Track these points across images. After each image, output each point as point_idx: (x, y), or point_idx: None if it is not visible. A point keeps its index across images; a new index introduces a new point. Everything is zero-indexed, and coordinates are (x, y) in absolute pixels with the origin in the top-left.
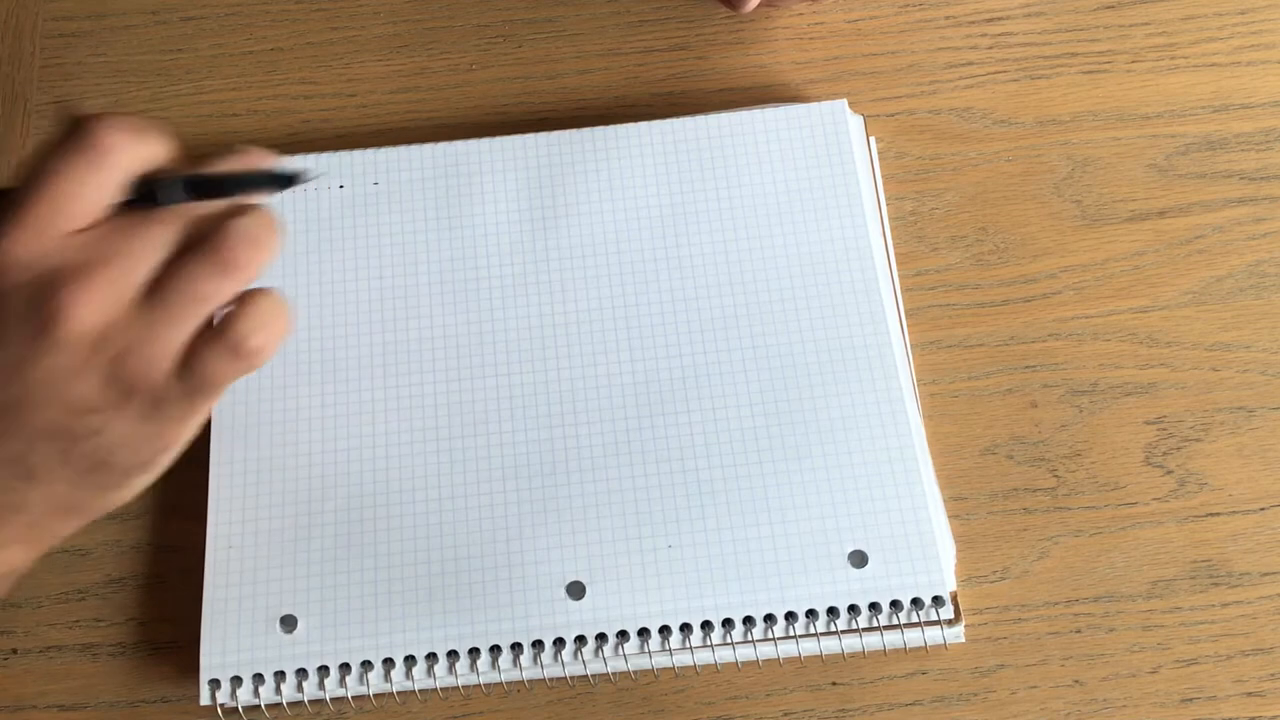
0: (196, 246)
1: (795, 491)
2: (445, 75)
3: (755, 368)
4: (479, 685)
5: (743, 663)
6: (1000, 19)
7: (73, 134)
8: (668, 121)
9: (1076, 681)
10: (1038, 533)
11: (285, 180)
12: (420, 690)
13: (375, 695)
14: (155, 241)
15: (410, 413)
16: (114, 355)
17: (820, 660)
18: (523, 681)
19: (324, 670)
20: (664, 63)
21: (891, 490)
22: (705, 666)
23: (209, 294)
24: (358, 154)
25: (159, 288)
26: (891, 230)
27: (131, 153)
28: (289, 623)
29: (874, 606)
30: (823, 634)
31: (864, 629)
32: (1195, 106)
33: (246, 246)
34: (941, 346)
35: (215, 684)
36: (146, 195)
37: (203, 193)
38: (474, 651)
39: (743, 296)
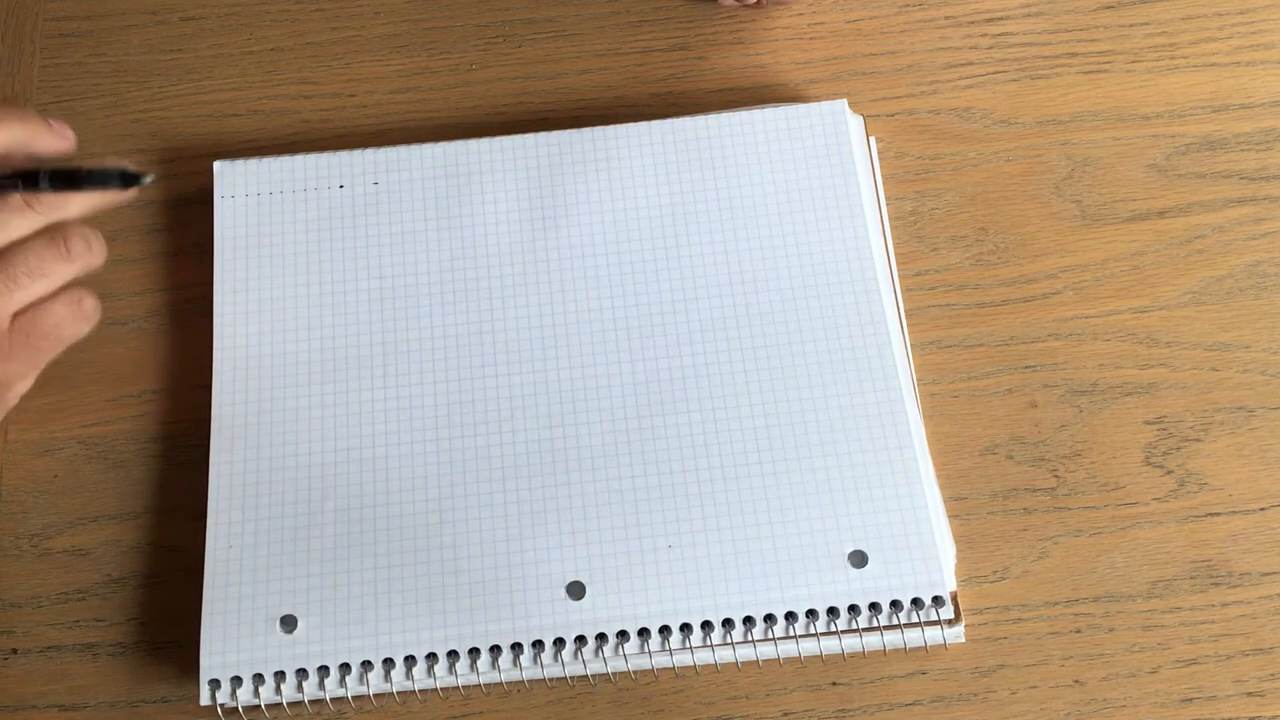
0: (45, 234)
1: (795, 491)
2: (445, 75)
3: (755, 368)
4: (479, 685)
5: (743, 663)
6: (1000, 19)
7: None
8: (668, 121)
9: (1076, 681)
10: (1038, 533)
11: (130, 179)
12: (420, 690)
13: (375, 695)
14: (13, 222)
15: (410, 413)
16: None
17: (820, 660)
18: (523, 681)
19: (324, 670)
20: (664, 63)
21: (891, 490)
22: (705, 666)
23: (49, 272)
24: (358, 154)
25: (6, 258)
26: (891, 230)
27: (8, 132)
28: (289, 623)
29: (874, 606)
30: (823, 634)
31: (864, 629)
32: (1195, 106)
33: (82, 244)
34: (941, 346)
35: (215, 684)
36: (12, 181)
37: (62, 184)
38: (474, 651)
39: (743, 297)
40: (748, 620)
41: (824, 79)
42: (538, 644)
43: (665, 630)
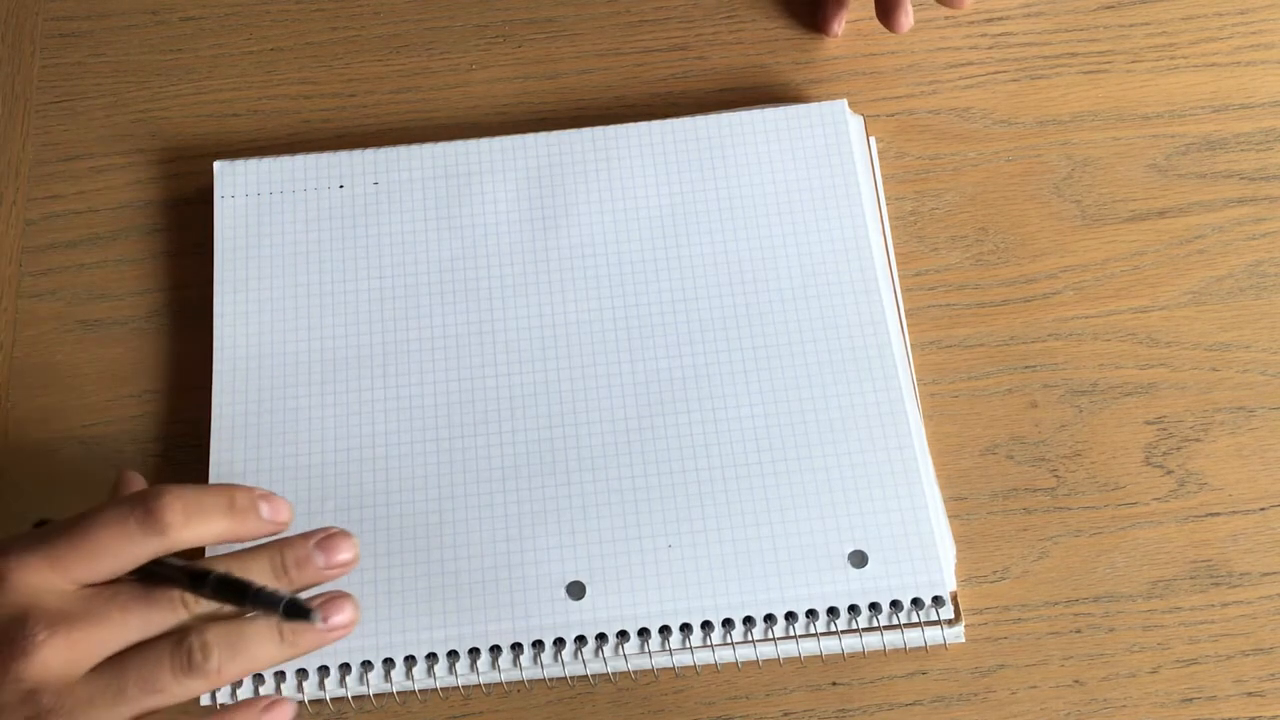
0: (174, 638)
1: (795, 491)
2: (445, 75)
3: (755, 368)
4: (479, 685)
5: (743, 663)
6: (1000, 19)
7: (137, 501)
8: (668, 121)
9: (1076, 681)
10: (1038, 533)
11: (295, 610)
12: (420, 690)
13: (375, 695)
14: (141, 620)
15: (410, 413)
16: (41, 711)
17: (820, 660)
18: (523, 681)
19: (324, 670)
20: (664, 63)
21: (891, 490)
22: (705, 666)
23: (163, 688)
24: (358, 154)
25: (120, 662)
26: (891, 230)
27: (185, 535)
28: None
29: (874, 606)
30: (823, 634)
31: (864, 629)
32: (1195, 106)
33: (220, 654)
34: (941, 346)
35: None
36: (178, 575)
37: (226, 594)
38: (474, 651)
39: (743, 297)
40: (748, 620)
41: (824, 79)
42: (538, 644)
43: (665, 630)
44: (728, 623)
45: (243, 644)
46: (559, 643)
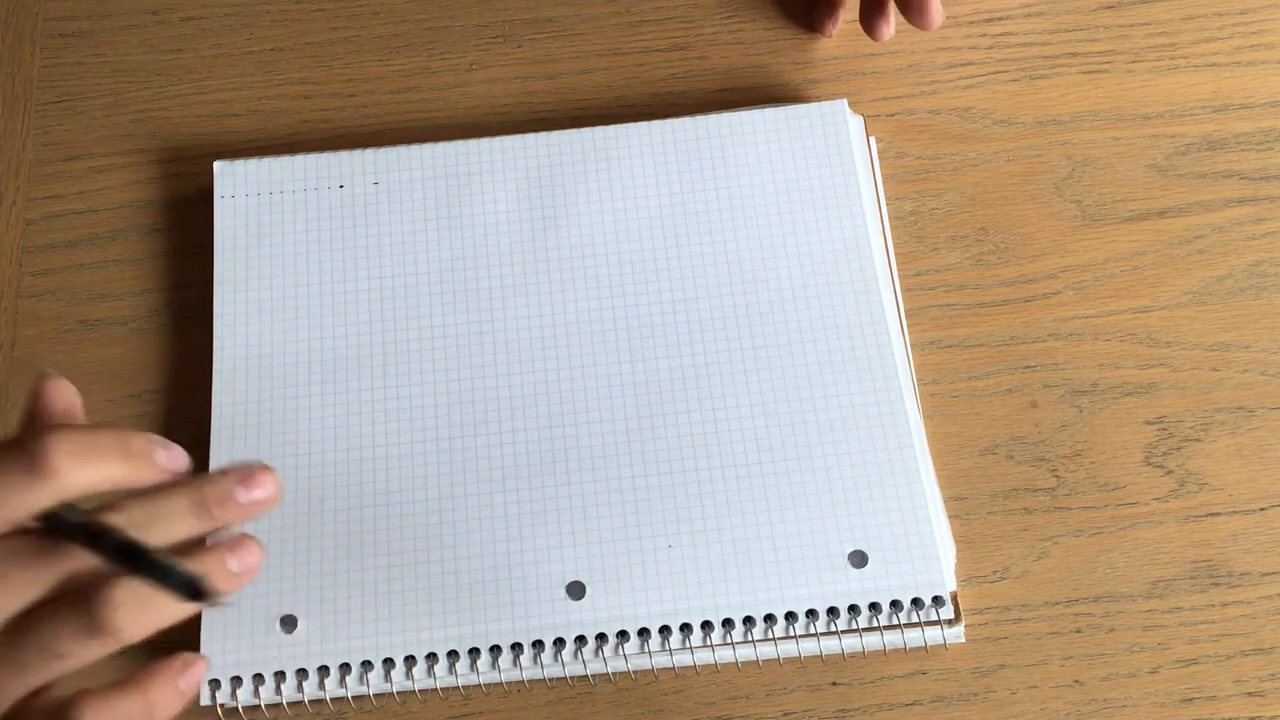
0: (73, 598)
1: (795, 491)
2: (445, 75)
3: (755, 368)
4: (479, 685)
5: (743, 663)
6: (1000, 19)
7: (20, 446)
8: (668, 121)
9: (1076, 681)
10: (1038, 533)
11: (195, 593)
12: (420, 690)
13: (375, 695)
14: (39, 577)
15: (410, 413)
16: None
17: (820, 660)
18: (523, 681)
19: (324, 670)
20: (664, 63)
21: (891, 490)
22: (705, 666)
23: (66, 653)
24: (358, 154)
25: (18, 629)
26: (891, 230)
27: (75, 479)
28: (289, 623)
29: (874, 606)
30: (823, 634)
31: (864, 629)
32: (1195, 106)
33: (127, 612)
34: (941, 346)
35: (215, 684)
36: (53, 523)
37: (124, 560)
38: (474, 651)
39: (743, 297)
40: (748, 620)
41: (824, 79)
42: (538, 644)
43: (665, 630)
44: (728, 623)
45: (154, 597)
46: (559, 643)
